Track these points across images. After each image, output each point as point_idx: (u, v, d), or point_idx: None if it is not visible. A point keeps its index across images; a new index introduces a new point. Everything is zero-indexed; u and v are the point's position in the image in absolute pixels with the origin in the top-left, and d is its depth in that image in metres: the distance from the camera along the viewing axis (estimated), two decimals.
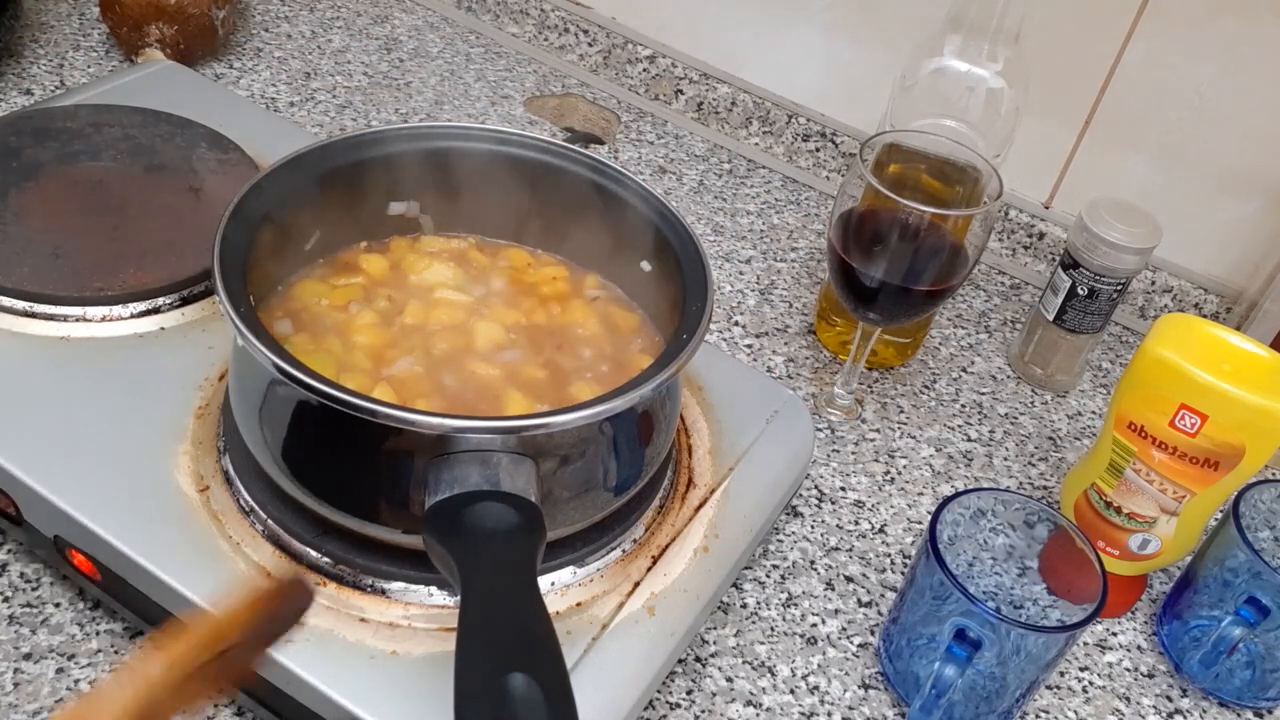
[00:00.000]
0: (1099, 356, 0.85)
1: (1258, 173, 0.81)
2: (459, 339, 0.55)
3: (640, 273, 0.58)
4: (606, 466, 0.50)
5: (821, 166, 0.97)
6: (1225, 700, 0.61)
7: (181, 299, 0.60)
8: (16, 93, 0.84)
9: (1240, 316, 0.83)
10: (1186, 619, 0.62)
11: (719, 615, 0.60)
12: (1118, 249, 0.71)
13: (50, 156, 0.66)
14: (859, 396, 0.76)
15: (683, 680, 0.57)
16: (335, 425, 0.46)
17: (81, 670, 0.51)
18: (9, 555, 0.55)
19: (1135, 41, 0.80)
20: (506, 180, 0.59)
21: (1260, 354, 0.58)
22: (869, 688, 0.58)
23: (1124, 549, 0.63)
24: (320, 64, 0.96)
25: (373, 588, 0.49)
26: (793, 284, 0.84)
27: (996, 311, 0.87)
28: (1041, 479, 0.73)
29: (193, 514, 0.51)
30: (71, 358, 0.56)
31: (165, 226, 0.63)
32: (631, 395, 0.46)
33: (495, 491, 0.44)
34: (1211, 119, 0.81)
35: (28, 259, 0.60)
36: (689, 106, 1.01)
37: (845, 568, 0.64)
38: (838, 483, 0.70)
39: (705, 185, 0.93)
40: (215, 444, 0.54)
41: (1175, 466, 0.59)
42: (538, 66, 1.03)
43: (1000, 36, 0.67)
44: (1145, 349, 0.58)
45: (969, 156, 0.65)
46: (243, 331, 0.44)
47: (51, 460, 0.51)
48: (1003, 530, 0.58)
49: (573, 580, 0.52)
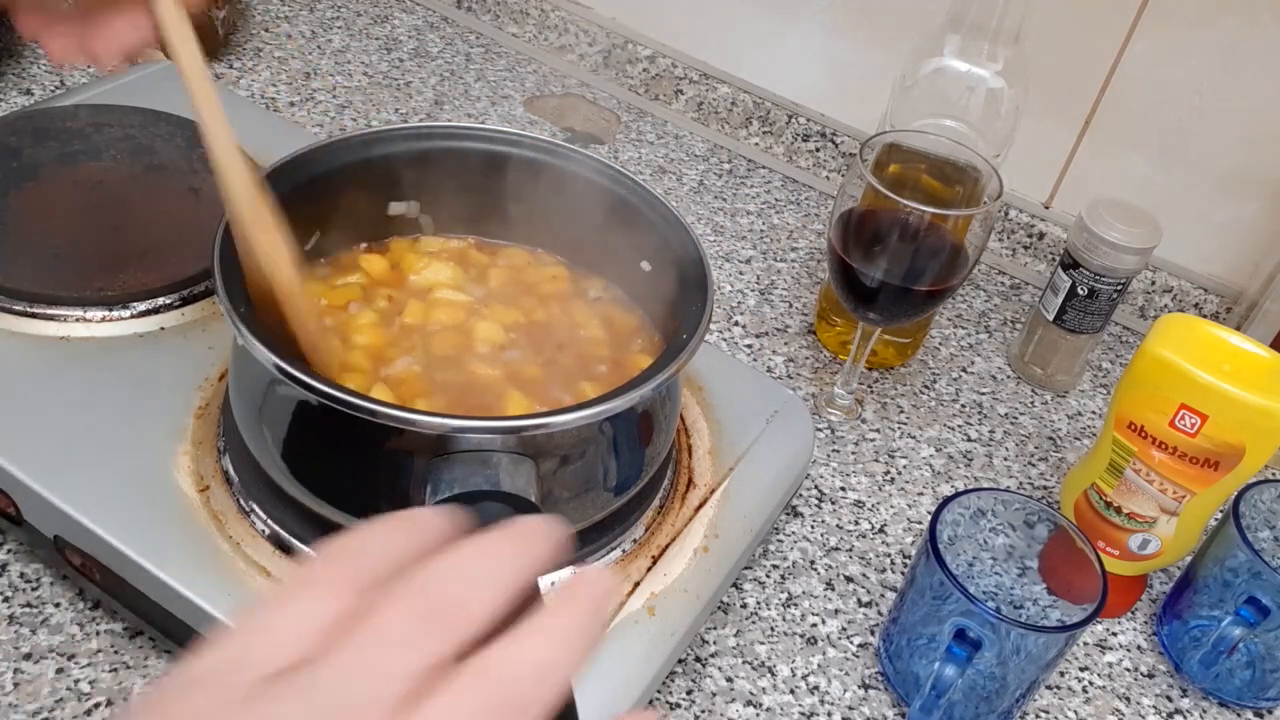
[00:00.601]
0: (1099, 356, 0.85)
1: (1258, 173, 0.81)
2: (459, 338, 0.55)
3: (640, 273, 0.58)
4: (606, 466, 0.50)
5: (821, 166, 0.97)
6: (1225, 700, 0.61)
7: (181, 299, 0.60)
8: (16, 93, 0.84)
9: (1240, 316, 0.83)
10: (1186, 619, 0.62)
11: (719, 615, 0.60)
12: (1118, 249, 0.71)
13: (50, 156, 0.66)
14: (859, 396, 0.76)
15: (683, 680, 0.57)
16: (335, 425, 0.46)
17: (81, 670, 0.51)
18: (9, 555, 0.55)
19: (1135, 41, 0.80)
20: (506, 180, 0.59)
21: (1260, 354, 0.58)
22: (869, 688, 0.58)
23: (1124, 549, 0.63)
24: (320, 64, 0.96)
25: None
26: (793, 284, 0.84)
27: (996, 311, 0.87)
28: (1041, 479, 0.73)
29: (193, 514, 0.51)
30: (71, 358, 0.56)
31: (165, 226, 0.63)
32: (631, 395, 0.46)
33: (495, 491, 0.44)
34: (1211, 119, 0.81)
35: (28, 259, 0.60)
36: (689, 106, 1.01)
37: (845, 568, 0.64)
38: (838, 483, 0.70)
39: (705, 185, 0.93)
40: (215, 444, 0.54)
41: (1175, 466, 0.59)
42: (538, 66, 1.03)
43: (1000, 36, 0.67)
44: (1145, 349, 0.58)
45: (969, 156, 0.65)
46: (242, 331, 0.44)
47: (51, 460, 0.51)
48: (1003, 530, 0.58)
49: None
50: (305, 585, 0.28)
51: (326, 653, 0.26)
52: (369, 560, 0.29)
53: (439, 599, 0.28)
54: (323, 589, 0.28)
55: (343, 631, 0.27)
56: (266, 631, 0.27)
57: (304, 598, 0.28)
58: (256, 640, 0.27)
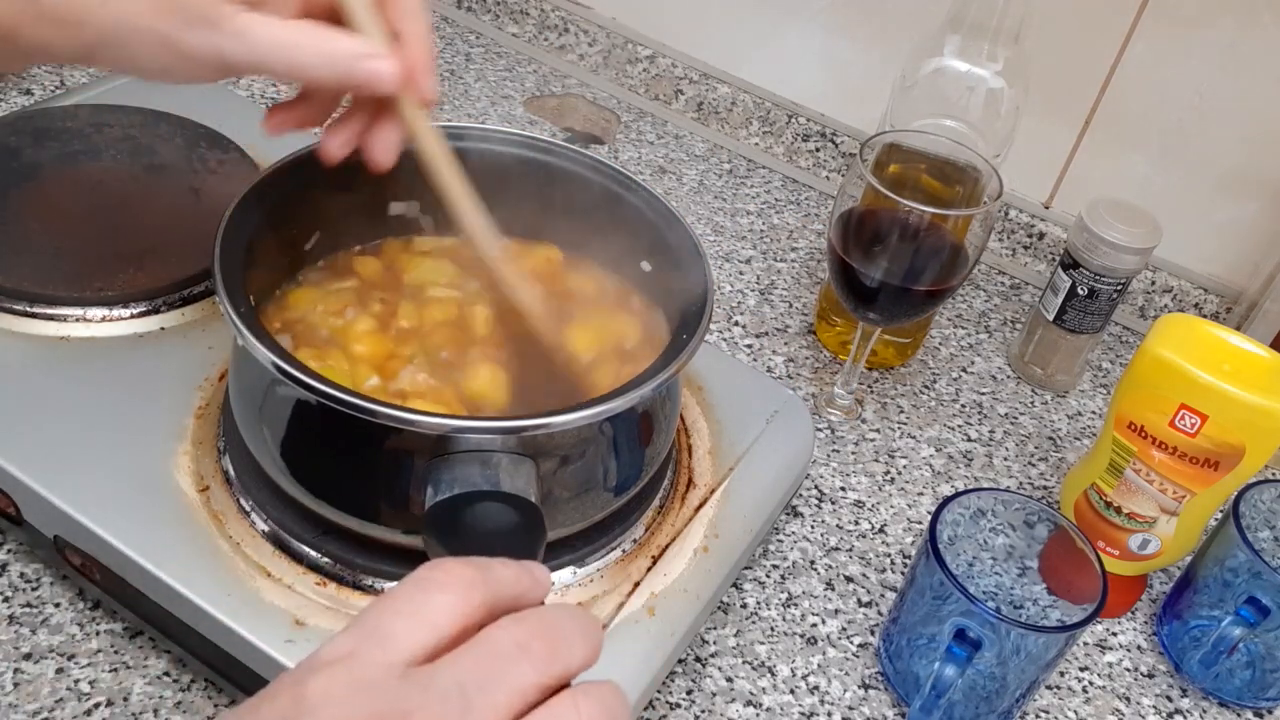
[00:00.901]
0: (1099, 356, 0.85)
1: (1258, 173, 0.81)
2: (458, 332, 0.54)
3: (640, 272, 0.58)
4: (606, 466, 0.50)
5: (821, 166, 0.97)
6: (1225, 700, 0.61)
7: (181, 299, 0.60)
8: (16, 93, 0.84)
9: (1240, 316, 0.83)
10: (1186, 619, 0.62)
11: (719, 615, 0.60)
12: (1118, 249, 0.71)
13: (50, 156, 0.66)
14: (859, 396, 0.76)
15: (683, 680, 0.57)
16: (335, 425, 0.46)
17: (81, 670, 0.51)
18: (9, 555, 0.55)
19: (1135, 41, 0.80)
20: (506, 181, 0.59)
21: (1260, 354, 0.58)
22: (869, 688, 0.58)
23: (1124, 549, 0.63)
24: None
25: (373, 588, 0.49)
26: (793, 284, 0.84)
27: (996, 311, 0.87)
28: (1041, 479, 0.73)
29: (193, 514, 0.51)
30: (71, 358, 0.56)
31: (165, 226, 0.63)
32: (631, 395, 0.46)
33: (496, 492, 0.44)
34: (1211, 119, 0.81)
35: (28, 259, 0.60)
36: (689, 106, 1.01)
37: (845, 568, 0.64)
38: (838, 483, 0.70)
39: (705, 185, 0.93)
40: (215, 444, 0.54)
41: (1175, 466, 0.59)
42: (538, 66, 1.03)
43: (1000, 36, 0.67)
44: (1145, 349, 0.58)
45: (969, 156, 0.65)
46: (242, 331, 0.44)
47: (51, 460, 0.51)
48: (1003, 530, 0.58)
49: (573, 580, 0.52)
50: (443, 585, 0.31)
51: (459, 655, 0.29)
52: (495, 586, 0.32)
53: (559, 635, 0.31)
54: (460, 594, 0.31)
55: (473, 639, 0.30)
56: (404, 616, 0.30)
57: (442, 594, 0.31)
58: (398, 625, 0.30)
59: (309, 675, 0.29)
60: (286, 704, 0.28)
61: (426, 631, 0.30)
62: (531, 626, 0.31)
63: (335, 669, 0.29)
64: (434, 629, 0.30)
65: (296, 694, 0.28)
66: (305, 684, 0.28)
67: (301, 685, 0.28)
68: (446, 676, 0.29)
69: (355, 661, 0.29)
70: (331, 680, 0.28)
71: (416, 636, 0.30)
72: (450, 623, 0.30)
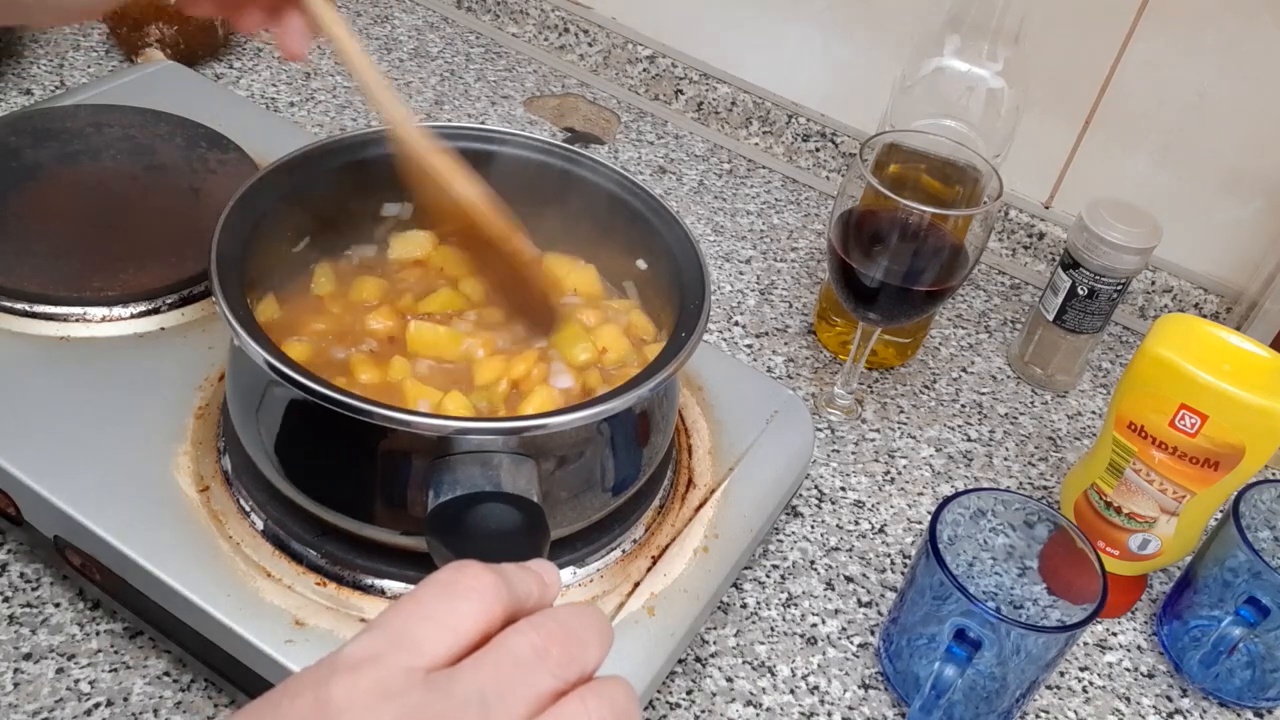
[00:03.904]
0: (1099, 356, 0.85)
1: (1258, 173, 0.81)
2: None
3: (639, 272, 0.58)
4: (605, 466, 0.50)
5: (821, 166, 0.97)
6: (1225, 700, 0.61)
7: (181, 299, 0.60)
8: (16, 93, 0.84)
9: (1240, 316, 0.83)
10: (1186, 619, 0.62)
11: (719, 615, 0.60)
12: (1118, 249, 0.71)
13: (50, 156, 0.66)
14: (859, 396, 0.76)
15: (683, 680, 0.57)
16: (332, 426, 0.46)
17: (81, 670, 0.51)
18: (9, 555, 0.56)
19: (1135, 41, 0.80)
20: (506, 181, 0.58)
21: (1260, 354, 0.58)
22: (869, 688, 0.58)
23: (1124, 549, 0.63)
24: (320, 64, 0.96)
25: (373, 588, 0.49)
26: (793, 284, 0.84)
27: (996, 311, 0.87)
28: (1041, 479, 0.73)
29: (193, 514, 0.51)
30: (71, 358, 0.56)
31: (165, 226, 0.63)
32: (630, 395, 0.46)
33: (498, 492, 0.44)
34: (1211, 119, 0.81)
35: (28, 259, 0.60)
36: (689, 106, 1.01)
37: (845, 568, 0.64)
38: (838, 483, 0.70)
39: (705, 185, 0.93)
40: (215, 444, 0.54)
41: (1175, 466, 0.59)
42: (538, 66, 1.03)
43: (1000, 36, 0.67)
44: (1145, 349, 0.58)
45: (969, 156, 0.65)
46: (238, 332, 0.44)
47: (51, 460, 0.51)
48: (1003, 530, 0.58)
49: (573, 580, 0.52)
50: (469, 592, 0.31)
51: (479, 661, 0.30)
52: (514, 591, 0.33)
53: (575, 639, 0.32)
54: (485, 602, 0.31)
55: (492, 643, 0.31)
56: (429, 622, 0.31)
57: (468, 602, 0.31)
58: (424, 631, 0.30)
59: (332, 676, 0.29)
60: (309, 705, 0.29)
61: (451, 638, 0.30)
62: (549, 631, 0.31)
63: (360, 673, 0.29)
64: (458, 635, 0.30)
65: (320, 696, 0.29)
66: (329, 686, 0.29)
67: (325, 687, 0.29)
68: (468, 684, 0.29)
69: (379, 666, 0.29)
70: (355, 685, 0.29)
71: (442, 643, 0.30)
72: (474, 629, 0.31)
